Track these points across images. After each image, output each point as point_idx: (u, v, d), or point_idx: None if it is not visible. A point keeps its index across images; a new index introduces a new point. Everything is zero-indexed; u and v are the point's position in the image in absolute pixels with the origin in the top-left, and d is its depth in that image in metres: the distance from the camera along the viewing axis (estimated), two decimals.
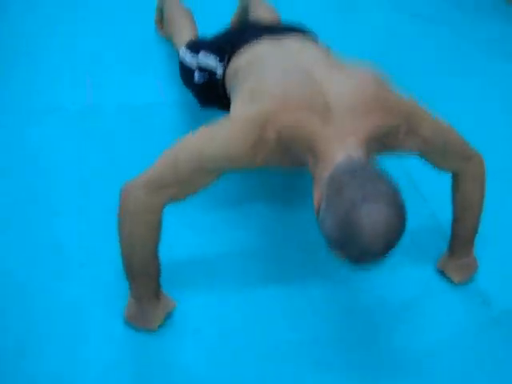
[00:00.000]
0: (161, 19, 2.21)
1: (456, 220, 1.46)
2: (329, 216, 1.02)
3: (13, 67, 2.04)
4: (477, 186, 1.42)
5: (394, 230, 0.99)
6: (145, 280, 1.27)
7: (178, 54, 1.75)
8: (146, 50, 2.18)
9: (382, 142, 1.19)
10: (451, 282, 1.49)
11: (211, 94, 1.58)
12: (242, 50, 1.44)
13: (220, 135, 1.15)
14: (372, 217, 0.96)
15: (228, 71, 1.46)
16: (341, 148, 1.09)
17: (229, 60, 1.46)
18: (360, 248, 0.98)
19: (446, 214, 1.53)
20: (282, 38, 1.43)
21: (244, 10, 2.21)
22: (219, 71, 1.50)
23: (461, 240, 1.49)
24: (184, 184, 1.18)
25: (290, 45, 1.39)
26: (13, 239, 1.46)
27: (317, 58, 1.31)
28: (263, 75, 1.26)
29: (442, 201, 1.53)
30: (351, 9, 2.63)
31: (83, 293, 1.36)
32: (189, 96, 1.78)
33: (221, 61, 1.49)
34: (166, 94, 1.99)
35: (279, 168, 1.25)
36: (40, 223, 1.51)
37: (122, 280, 1.29)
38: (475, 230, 1.48)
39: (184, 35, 1.83)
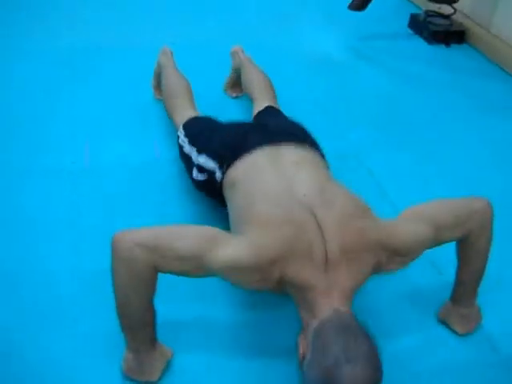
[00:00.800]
0: (158, 85, 2.29)
1: (462, 267, 1.44)
2: (312, 368, 1.11)
3: (15, 130, 2.12)
4: (483, 235, 1.40)
5: None
6: (141, 330, 1.26)
7: (178, 136, 1.80)
8: (142, 111, 2.26)
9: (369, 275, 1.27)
10: (454, 332, 1.47)
11: (208, 190, 1.64)
12: (240, 159, 1.47)
13: (232, 248, 1.17)
14: (352, 376, 1.05)
15: (226, 179, 1.50)
16: (328, 302, 1.17)
17: (227, 167, 1.50)
18: None
19: (446, 263, 1.54)
20: (281, 149, 1.48)
21: (237, 74, 2.30)
22: (218, 174, 1.53)
23: (465, 287, 1.47)
24: (181, 262, 1.18)
25: (288, 159, 1.44)
26: (8, 295, 1.47)
27: (310, 185, 1.35)
28: (266, 203, 1.29)
29: (442, 250, 1.52)
30: (344, 72, 2.75)
31: (78, 348, 1.36)
32: None
33: (220, 168, 1.53)
34: (161, 153, 2.05)
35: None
36: (36, 278, 1.53)
37: (117, 335, 1.29)
38: (480, 278, 1.45)
39: (182, 111, 1.88)
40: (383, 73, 2.77)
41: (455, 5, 3.01)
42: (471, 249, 1.41)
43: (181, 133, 1.78)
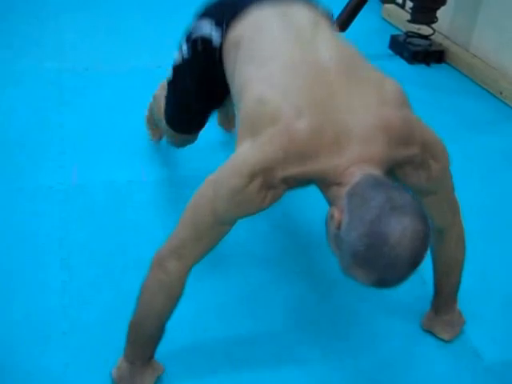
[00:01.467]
0: (152, 125, 2.11)
1: (440, 278, 1.46)
2: (354, 228, 0.96)
3: (3, 150, 2.14)
4: (460, 245, 1.42)
5: (421, 241, 0.94)
6: (146, 346, 1.28)
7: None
8: (129, 133, 2.29)
9: (393, 169, 1.12)
10: (441, 340, 1.50)
11: (205, 70, 1.37)
12: (243, 15, 1.24)
13: (226, 186, 1.08)
14: (401, 225, 0.92)
15: (226, 43, 1.27)
16: (357, 171, 1.02)
17: (227, 27, 1.26)
18: (386, 260, 0.93)
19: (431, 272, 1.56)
20: (292, 8, 1.24)
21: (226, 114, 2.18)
22: (216, 38, 1.29)
23: (445, 297, 1.49)
24: (206, 241, 1.17)
25: (299, 22, 1.21)
26: None
27: (336, 49, 1.14)
28: (268, 75, 1.10)
29: (427, 260, 1.55)
30: None
31: (66, 360, 1.38)
32: (169, 174, 1.84)
33: (218, 24, 1.28)
34: (147, 173, 2.08)
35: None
36: (26, 292, 1.55)
37: (106, 349, 1.32)
38: (459, 285, 1.48)
39: None
40: None
41: (434, 25, 3.10)
42: (451, 262, 1.43)
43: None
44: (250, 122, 1.10)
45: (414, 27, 3.18)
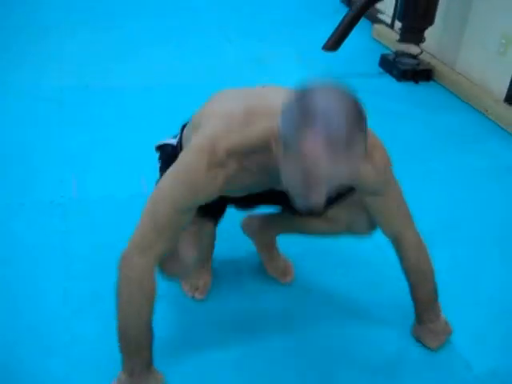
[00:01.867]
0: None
1: (414, 290, 1.50)
2: (285, 118, 1.02)
3: (5, 165, 2.19)
4: (422, 254, 1.45)
5: (351, 108, 0.98)
6: (138, 352, 1.29)
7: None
8: (129, 148, 2.34)
9: None
10: (429, 349, 1.53)
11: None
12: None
13: (179, 172, 1.20)
14: (325, 97, 0.99)
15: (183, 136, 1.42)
16: None
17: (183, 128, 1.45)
18: (320, 116, 0.96)
19: None
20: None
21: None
22: (175, 140, 1.47)
23: (423, 306, 1.52)
24: (167, 233, 1.22)
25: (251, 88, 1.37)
26: (1, 319, 1.53)
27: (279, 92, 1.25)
28: (211, 105, 1.29)
29: None
30: None
31: (68, 371, 1.40)
32: None
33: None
34: (149, 187, 2.10)
35: (247, 189, 1.28)
36: (29, 303, 1.58)
37: (107, 360, 1.34)
38: (435, 293, 1.51)
39: None
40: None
41: (422, 45, 3.19)
42: (418, 273, 1.47)
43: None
44: (194, 128, 1.26)
45: (403, 46, 3.26)
